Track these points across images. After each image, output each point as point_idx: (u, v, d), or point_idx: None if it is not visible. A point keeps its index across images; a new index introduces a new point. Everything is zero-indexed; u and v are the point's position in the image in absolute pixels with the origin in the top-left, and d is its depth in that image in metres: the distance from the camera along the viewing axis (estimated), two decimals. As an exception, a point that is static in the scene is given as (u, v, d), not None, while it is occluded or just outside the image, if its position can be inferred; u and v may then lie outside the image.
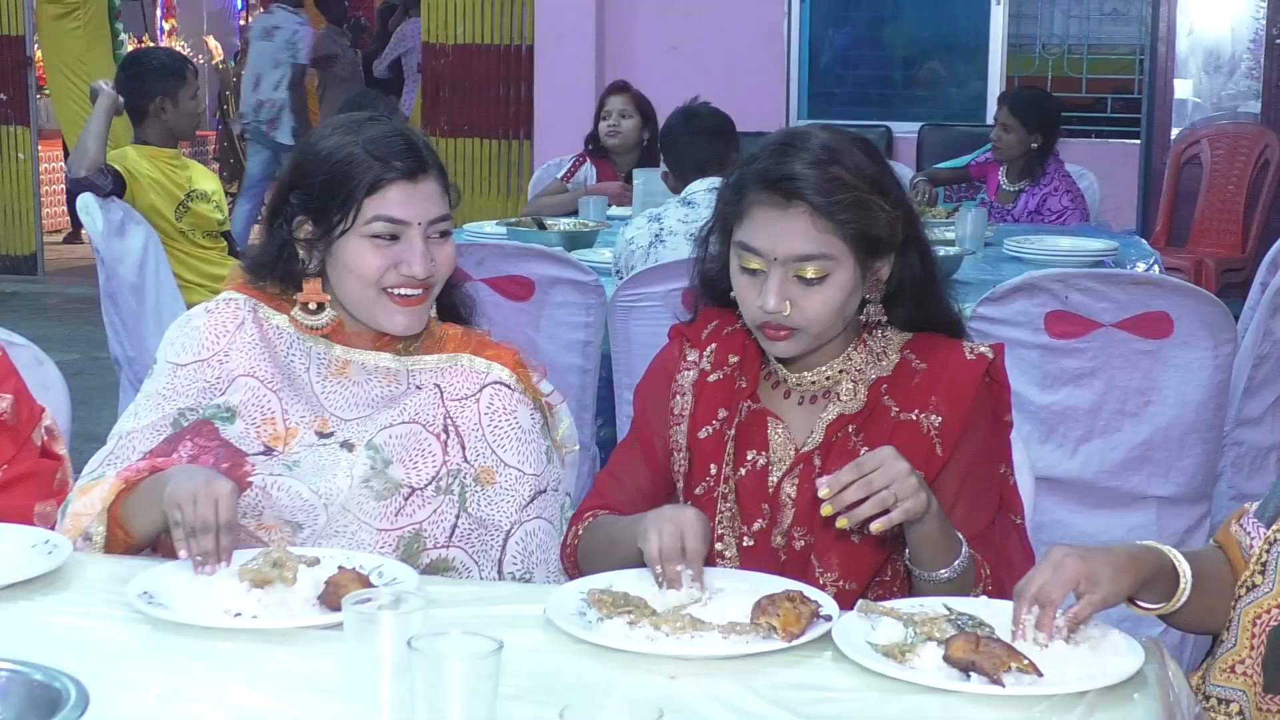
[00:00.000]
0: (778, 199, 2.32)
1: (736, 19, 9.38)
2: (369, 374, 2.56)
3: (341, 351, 2.57)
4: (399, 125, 2.54)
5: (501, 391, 2.56)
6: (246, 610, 2.09)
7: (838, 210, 2.31)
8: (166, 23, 15.97)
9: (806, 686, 1.91)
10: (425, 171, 2.49)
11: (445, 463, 2.50)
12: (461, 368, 2.57)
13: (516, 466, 2.53)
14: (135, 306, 5.42)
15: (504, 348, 2.62)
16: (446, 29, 9.97)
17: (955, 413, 2.37)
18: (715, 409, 2.48)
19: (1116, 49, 9.84)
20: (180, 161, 5.85)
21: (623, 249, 4.78)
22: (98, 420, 6.19)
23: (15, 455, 2.71)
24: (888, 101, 10.11)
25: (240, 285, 2.63)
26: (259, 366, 2.54)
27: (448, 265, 2.53)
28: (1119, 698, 1.86)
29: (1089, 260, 5.37)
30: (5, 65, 10.92)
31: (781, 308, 2.32)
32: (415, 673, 1.69)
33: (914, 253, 2.41)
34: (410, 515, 2.46)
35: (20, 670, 1.71)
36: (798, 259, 2.32)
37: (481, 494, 2.50)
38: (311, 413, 2.53)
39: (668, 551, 2.15)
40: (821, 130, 2.41)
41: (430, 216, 2.49)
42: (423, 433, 2.51)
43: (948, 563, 2.26)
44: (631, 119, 6.78)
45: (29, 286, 10.73)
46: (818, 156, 2.33)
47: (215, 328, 2.57)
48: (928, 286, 2.44)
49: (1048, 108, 6.85)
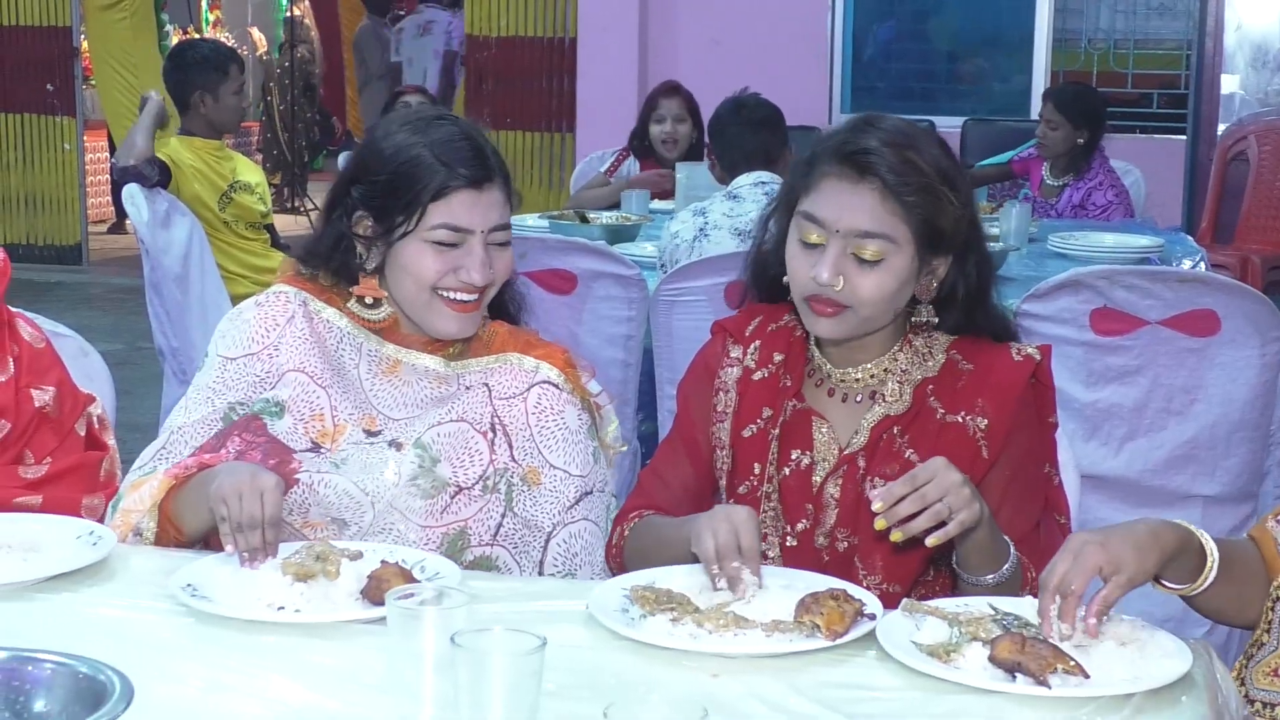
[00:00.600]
0: (850, 172, 2.32)
1: (779, 12, 9.36)
2: (419, 375, 2.55)
3: (393, 350, 2.56)
4: (467, 128, 2.53)
5: (549, 391, 2.55)
6: (289, 604, 2.09)
7: (908, 192, 2.30)
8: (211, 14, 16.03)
9: (850, 686, 1.90)
10: (491, 179, 2.48)
11: (493, 461, 2.49)
12: (510, 366, 2.56)
13: (563, 468, 2.52)
14: (179, 297, 5.45)
15: (553, 347, 2.61)
16: (490, 21, 9.98)
17: (1001, 415, 2.36)
18: (760, 407, 2.47)
19: (1163, 44, 9.78)
20: (224, 153, 5.88)
21: (667, 242, 4.77)
22: (142, 410, 6.23)
23: (58, 447, 2.71)
24: (931, 96, 10.07)
25: (291, 278, 2.62)
26: (308, 361, 2.54)
27: (506, 272, 2.53)
28: (1166, 700, 1.85)
29: (1134, 257, 5.34)
30: (52, 56, 10.97)
31: (835, 281, 2.31)
32: (458, 668, 1.69)
33: (972, 261, 2.40)
34: (456, 513, 2.46)
35: (66, 663, 1.71)
36: (860, 234, 2.31)
37: (528, 494, 2.50)
38: (360, 410, 2.52)
39: (724, 550, 2.13)
40: (899, 119, 2.41)
41: (492, 224, 2.48)
42: (470, 431, 2.50)
43: (996, 568, 2.25)
44: (685, 123, 6.77)
45: (74, 276, 10.79)
46: (894, 138, 2.33)
47: (265, 321, 2.56)
48: (980, 298, 2.42)
49: (1093, 103, 6.80)
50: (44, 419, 2.72)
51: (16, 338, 2.74)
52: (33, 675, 1.71)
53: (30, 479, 2.66)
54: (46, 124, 11.06)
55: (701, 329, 2.62)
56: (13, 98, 11.03)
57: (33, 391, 2.71)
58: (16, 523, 2.38)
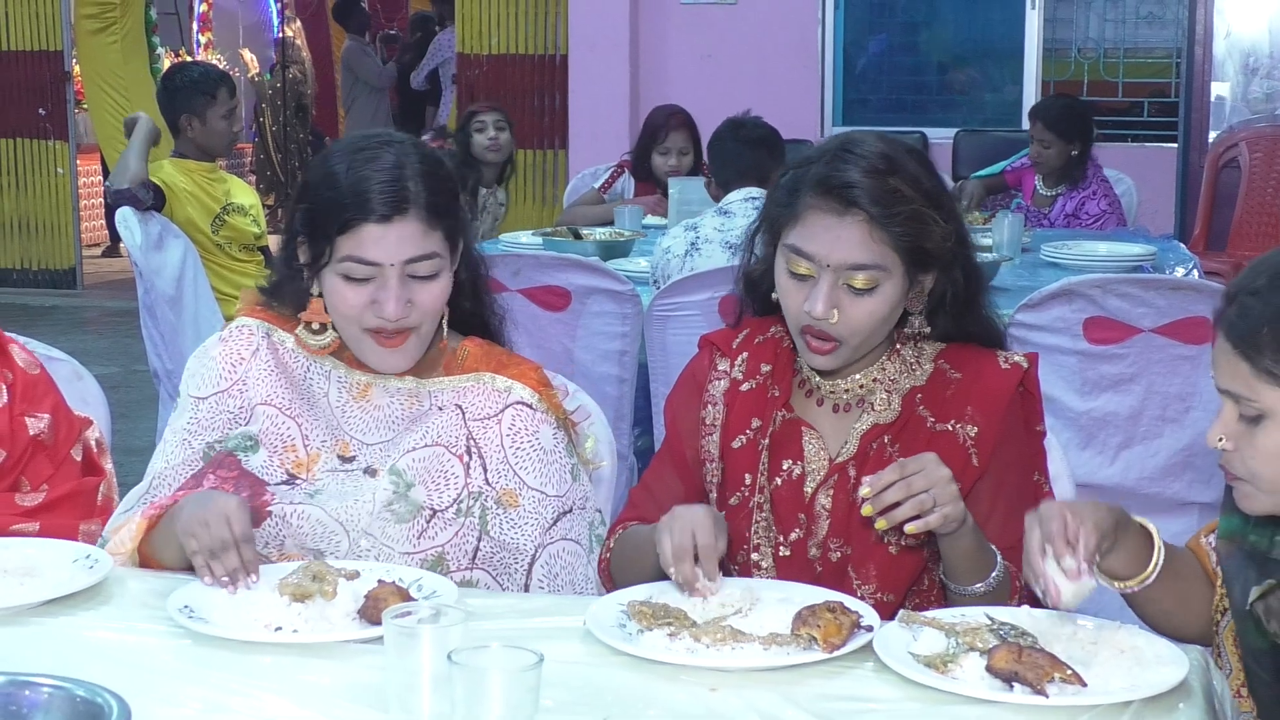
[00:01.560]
0: (834, 205, 2.31)
1: (770, 26, 9.37)
2: (390, 395, 2.53)
3: (362, 375, 2.53)
4: (401, 155, 2.44)
5: (523, 412, 2.51)
6: (287, 624, 2.09)
7: (894, 222, 2.29)
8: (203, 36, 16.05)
9: (848, 698, 1.90)
10: (403, 212, 2.39)
11: (467, 484, 2.47)
12: (483, 386, 2.53)
13: (539, 489, 2.49)
14: (173, 319, 5.45)
15: (526, 365, 2.57)
16: (481, 39, 10.00)
17: (990, 423, 2.36)
18: (748, 418, 2.47)
19: (1153, 52, 9.81)
20: (217, 175, 5.88)
21: (659, 258, 4.78)
22: (138, 434, 6.23)
23: (55, 474, 2.72)
24: (922, 107, 10.09)
25: (252, 309, 2.60)
26: (275, 393, 2.52)
27: (432, 304, 2.45)
28: (1164, 707, 1.85)
29: (1127, 265, 5.35)
30: (44, 80, 10.98)
31: (829, 315, 2.31)
32: (456, 686, 1.69)
33: (959, 269, 2.39)
34: (432, 538, 2.44)
35: (63, 686, 1.71)
36: (850, 267, 2.30)
37: (504, 516, 2.47)
38: (332, 436, 2.51)
39: (680, 551, 2.14)
40: (877, 139, 2.38)
41: (405, 257, 2.40)
42: (445, 454, 2.48)
43: (983, 577, 2.26)
44: (688, 155, 6.79)
45: (68, 300, 10.79)
46: (876, 165, 2.31)
47: (230, 357, 2.55)
48: (969, 302, 2.43)
49: (1080, 114, 6.80)
50: (39, 446, 2.72)
51: (10, 364, 2.74)
52: (30, 699, 1.71)
53: (27, 506, 2.66)
54: (39, 148, 11.06)
55: (695, 343, 2.62)
56: (5, 122, 11.04)
57: (27, 420, 2.71)
58: (12, 547, 2.38)
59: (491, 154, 6.85)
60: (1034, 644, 1.95)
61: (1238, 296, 1.94)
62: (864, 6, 9.91)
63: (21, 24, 10.94)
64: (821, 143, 2.44)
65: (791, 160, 2.46)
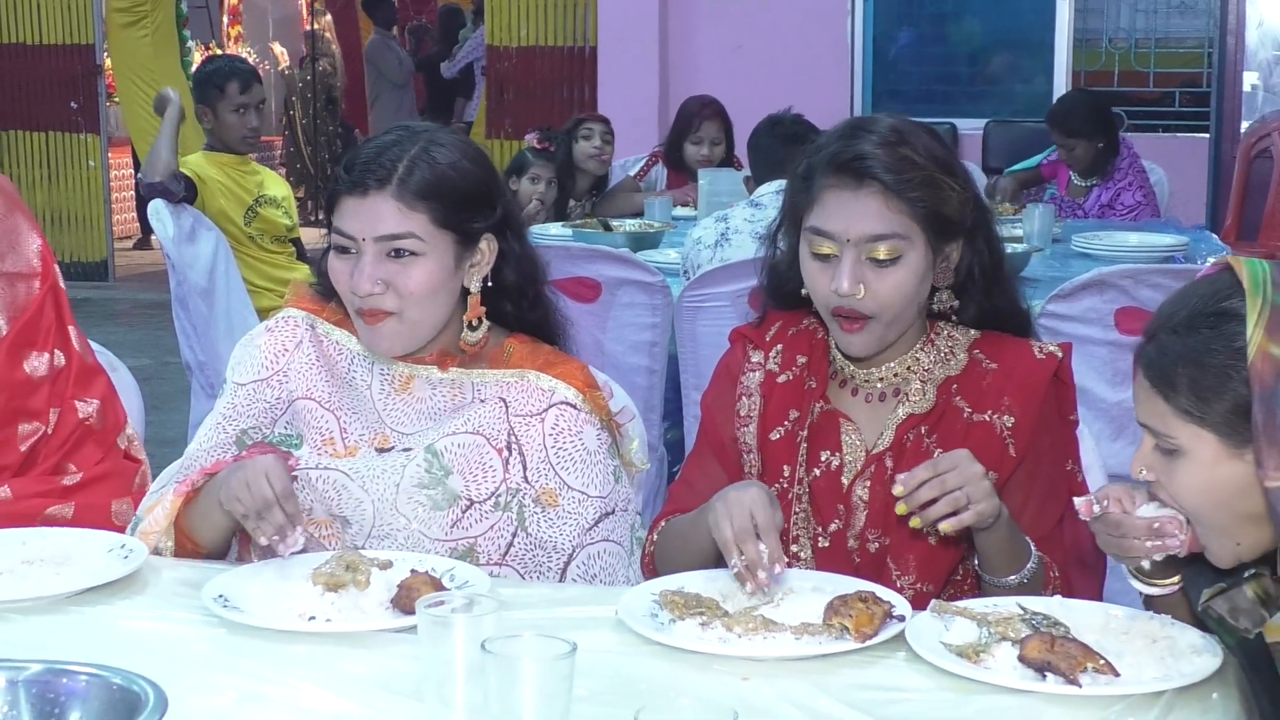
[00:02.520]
0: (849, 180, 2.32)
1: (800, 17, 9.36)
2: (433, 387, 2.52)
3: (405, 367, 2.54)
4: (405, 138, 2.44)
5: (567, 412, 2.49)
6: (320, 614, 2.10)
7: (909, 188, 2.30)
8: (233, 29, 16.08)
9: (880, 687, 1.91)
10: (379, 187, 2.39)
11: (505, 479, 2.46)
12: (528, 383, 2.50)
13: (581, 490, 2.47)
14: (205, 311, 5.47)
15: (572, 365, 2.55)
16: (510, 31, 10.00)
17: (1027, 413, 2.36)
18: (786, 410, 2.47)
19: (1184, 42, 9.77)
20: (250, 167, 5.89)
21: (689, 249, 4.78)
22: (170, 425, 6.26)
23: (101, 460, 2.74)
24: (953, 98, 10.07)
25: (299, 300, 2.61)
26: (315, 387, 2.53)
27: (413, 288, 2.41)
28: (1197, 697, 1.85)
29: (1158, 256, 5.33)
30: (75, 74, 11.03)
31: (855, 290, 2.31)
32: (489, 675, 1.69)
33: (982, 239, 2.40)
34: (466, 529, 2.44)
35: (99, 674, 1.72)
36: (871, 239, 2.31)
37: (542, 515, 2.46)
38: (371, 430, 2.51)
39: (741, 534, 2.12)
40: (886, 115, 2.41)
41: (377, 234, 2.39)
42: (485, 446, 2.47)
43: (1016, 569, 2.25)
44: (720, 145, 6.80)
45: (100, 292, 10.83)
46: (886, 137, 2.33)
47: (274, 347, 2.56)
48: (996, 275, 2.43)
49: (1096, 107, 6.76)
50: (89, 432, 2.75)
51: (67, 345, 2.77)
52: (67, 687, 1.72)
53: (66, 486, 2.68)
54: (71, 141, 11.11)
55: (725, 334, 2.62)
56: (37, 116, 11.10)
57: (77, 403, 2.74)
58: (48, 537, 2.40)
59: (594, 163, 6.75)
60: (1066, 634, 1.94)
61: (1157, 334, 1.94)
62: (893, -3, 9.90)
63: (53, 18, 10.99)
64: (833, 128, 2.45)
65: (805, 149, 2.47)
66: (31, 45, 11.05)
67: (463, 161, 2.46)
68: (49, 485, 2.67)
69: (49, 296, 2.76)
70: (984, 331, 2.45)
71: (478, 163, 2.49)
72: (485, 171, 2.50)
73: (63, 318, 2.79)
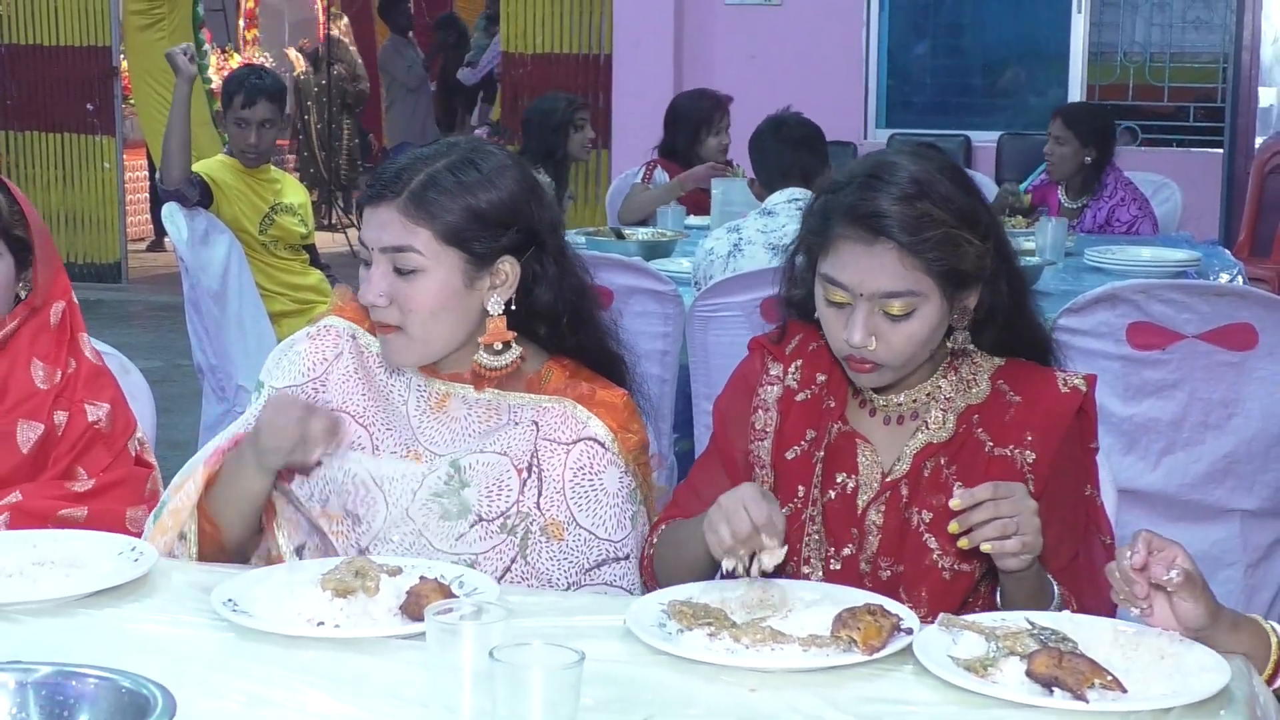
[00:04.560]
0: (864, 234, 2.28)
1: (815, 28, 9.36)
2: (469, 407, 2.51)
3: (442, 385, 2.52)
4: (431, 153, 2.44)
5: (594, 449, 2.46)
6: (329, 619, 2.10)
7: (926, 248, 2.26)
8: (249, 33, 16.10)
9: (887, 700, 1.90)
10: (385, 199, 2.40)
11: (519, 502, 2.44)
12: (564, 411, 2.48)
13: (589, 529, 2.45)
14: (218, 314, 5.48)
15: (613, 397, 2.51)
16: (526, 39, 10.02)
17: (1048, 449, 2.34)
18: (803, 429, 2.45)
19: (1199, 57, 9.76)
20: (270, 174, 5.86)
21: (701, 259, 4.78)
22: (181, 428, 6.27)
23: (111, 464, 2.75)
24: (967, 110, 10.06)
25: (342, 308, 2.60)
26: (352, 399, 2.52)
27: (413, 305, 2.41)
28: (1205, 714, 1.84)
29: (1171, 271, 5.33)
30: (92, 75, 11.06)
31: (867, 343, 2.29)
32: (497, 683, 1.70)
33: (1003, 280, 2.37)
34: (469, 545, 2.43)
35: (109, 677, 1.73)
36: (884, 295, 2.28)
37: (544, 547, 2.43)
38: (405, 445, 2.50)
39: (740, 534, 2.12)
40: (910, 160, 2.34)
41: (381, 244, 2.41)
42: (508, 464, 2.45)
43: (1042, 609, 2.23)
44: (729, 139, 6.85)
45: (113, 294, 10.85)
46: (905, 191, 2.27)
47: (315, 354, 2.55)
48: (1017, 311, 2.41)
49: (1102, 121, 6.78)
50: (98, 435, 2.76)
51: (77, 353, 2.79)
52: (76, 690, 1.72)
53: (79, 492, 2.69)
54: (86, 143, 11.14)
55: (738, 345, 2.62)
56: (53, 117, 11.13)
57: (86, 405, 2.75)
58: (59, 540, 2.40)
59: (585, 152, 6.71)
60: (1074, 649, 1.94)
61: None
62: (909, 8, 9.89)
63: (70, 19, 11.03)
64: (854, 165, 2.40)
65: (824, 183, 2.44)
66: (48, 46, 11.08)
67: (487, 181, 2.42)
68: (61, 491, 2.68)
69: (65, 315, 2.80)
70: (1008, 360, 2.43)
71: (507, 183, 2.43)
72: (513, 193, 2.44)
73: (75, 325, 2.80)
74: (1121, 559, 2.00)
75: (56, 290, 2.80)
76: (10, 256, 2.75)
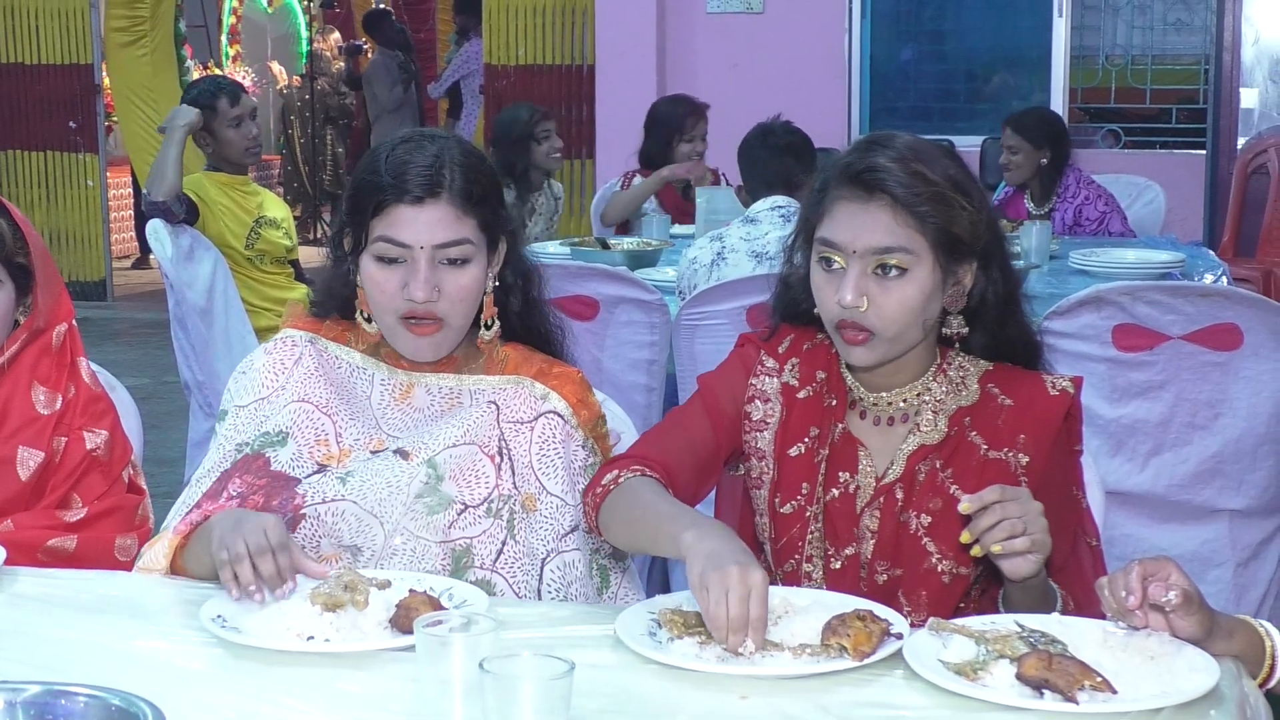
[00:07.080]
0: (859, 192, 2.32)
1: (797, 35, 9.37)
2: (432, 395, 2.58)
3: (405, 375, 2.58)
4: (443, 146, 2.49)
5: (555, 421, 2.55)
6: (319, 634, 2.10)
7: (919, 203, 2.29)
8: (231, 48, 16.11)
9: (878, 705, 1.91)
10: (435, 196, 2.45)
11: (498, 485, 2.49)
12: (522, 391, 2.56)
13: (559, 496, 2.51)
14: (204, 331, 5.47)
15: (567, 375, 2.59)
16: (508, 50, 10.02)
17: (1040, 451, 2.35)
18: (807, 426, 2.45)
19: (1181, 59, 9.78)
20: (250, 188, 5.87)
21: (685, 268, 4.78)
22: (168, 444, 6.26)
23: (105, 492, 2.74)
24: (950, 115, 10.07)
25: (298, 321, 2.65)
26: (313, 392, 2.56)
27: (461, 293, 2.49)
28: (1194, 715, 1.84)
29: (1156, 272, 5.34)
30: (75, 93, 11.05)
31: (859, 302, 2.30)
32: (487, 695, 1.70)
33: (996, 267, 2.39)
34: (462, 530, 2.46)
35: (98, 695, 1.72)
36: (877, 251, 2.30)
37: (525, 521, 2.49)
38: (368, 434, 2.54)
39: (736, 623, 2.00)
40: (908, 134, 2.41)
41: (435, 241, 2.45)
42: (479, 454, 2.50)
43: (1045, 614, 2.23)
44: (705, 145, 6.83)
45: (98, 312, 10.84)
46: (901, 153, 2.32)
47: (274, 366, 2.59)
48: (1010, 306, 2.42)
49: (1051, 122, 6.83)
50: (95, 463, 2.74)
51: (76, 378, 2.77)
52: (66, 709, 1.72)
53: (70, 521, 2.68)
54: (70, 161, 11.13)
55: (724, 353, 2.61)
56: (36, 135, 11.12)
57: (85, 434, 2.74)
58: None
59: (553, 161, 6.62)
60: (1064, 651, 1.95)
61: None
62: (891, 15, 9.90)
63: (52, 37, 11.02)
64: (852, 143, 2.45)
65: (823, 165, 2.48)
66: (31, 65, 11.07)
67: (487, 164, 2.55)
68: (51, 520, 2.67)
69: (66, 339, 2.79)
70: (996, 364, 2.44)
71: (489, 163, 2.58)
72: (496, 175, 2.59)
73: (74, 350, 2.80)
74: (1115, 590, 1.99)
75: (60, 312, 2.79)
76: (11, 284, 2.73)
